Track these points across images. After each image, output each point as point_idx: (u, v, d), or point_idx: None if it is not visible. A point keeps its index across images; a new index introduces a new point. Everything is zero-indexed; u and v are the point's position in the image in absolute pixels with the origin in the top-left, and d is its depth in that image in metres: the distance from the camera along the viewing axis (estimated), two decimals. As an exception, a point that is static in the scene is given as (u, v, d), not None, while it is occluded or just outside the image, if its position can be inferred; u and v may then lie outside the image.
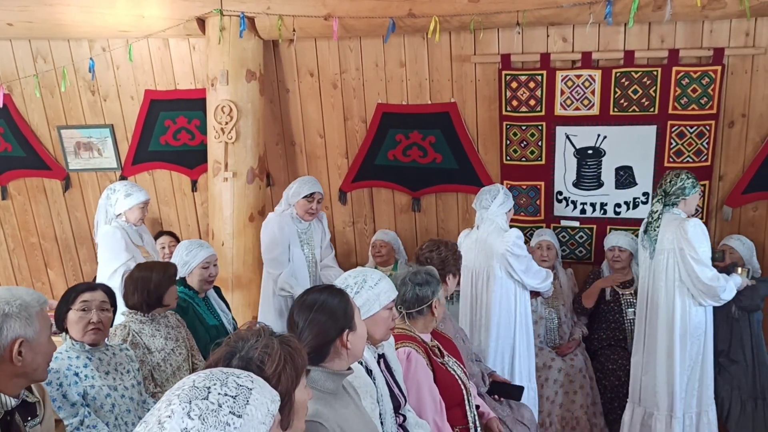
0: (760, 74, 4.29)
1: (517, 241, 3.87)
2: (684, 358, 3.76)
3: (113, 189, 4.16)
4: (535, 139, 4.70)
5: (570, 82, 4.51)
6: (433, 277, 2.90)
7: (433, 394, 2.77)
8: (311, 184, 4.38)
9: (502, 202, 4.00)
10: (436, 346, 2.98)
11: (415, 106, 4.79)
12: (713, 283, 3.65)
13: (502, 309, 3.93)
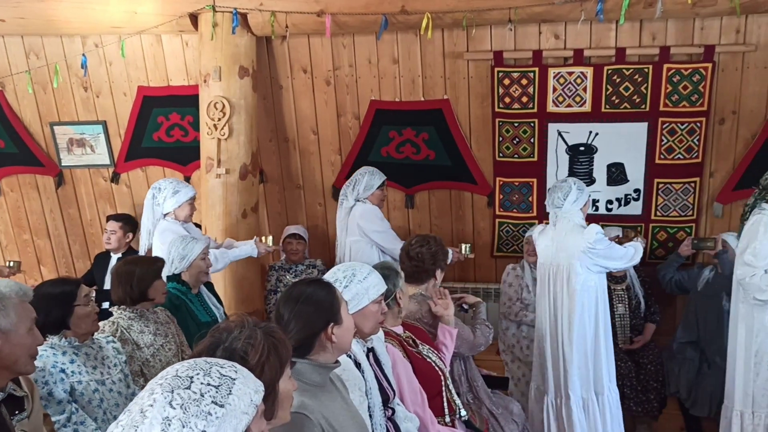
0: (751, 71, 4.31)
1: (597, 237, 3.79)
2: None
3: (159, 188, 4.13)
4: (528, 136, 4.71)
5: (562, 79, 4.53)
6: (391, 270, 2.90)
7: (413, 385, 2.78)
8: (379, 174, 4.53)
9: (575, 198, 3.85)
10: (409, 337, 2.99)
11: (408, 103, 4.81)
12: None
13: (584, 308, 3.85)
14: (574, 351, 3.83)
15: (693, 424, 4.41)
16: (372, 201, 4.48)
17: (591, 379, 3.83)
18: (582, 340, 3.83)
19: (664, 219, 4.72)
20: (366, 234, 4.46)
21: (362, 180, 4.46)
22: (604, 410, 3.86)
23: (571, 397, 3.85)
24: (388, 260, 3.08)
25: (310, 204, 5.25)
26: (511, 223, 4.97)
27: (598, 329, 3.83)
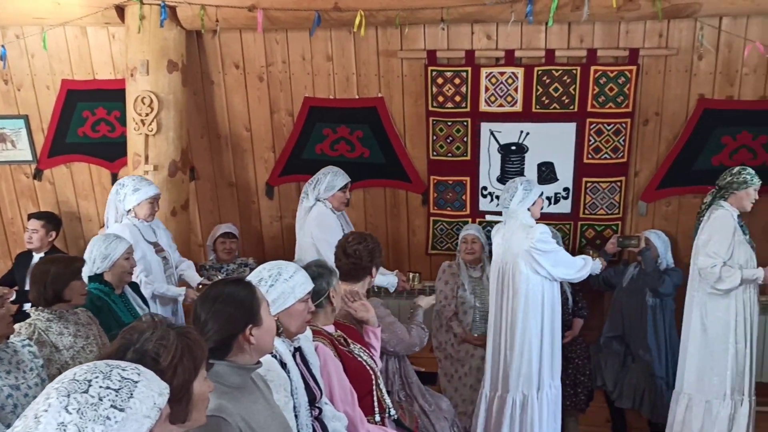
0: (673, 74, 4.46)
1: (541, 237, 3.84)
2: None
3: (122, 184, 4.05)
4: (461, 135, 4.76)
5: (494, 79, 4.59)
6: (325, 269, 2.89)
7: (343, 384, 2.77)
8: (344, 176, 4.38)
9: (521, 198, 3.92)
10: (341, 336, 2.98)
11: (343, 100, 4.79)
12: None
13: (528, 306, 3.91)
14: (515, 350, 3.90)
15: (618, 416, 4.55)
16: (332, 202, 4.30)
17: (533, 377, 3.91)
18: (524, 339, 3.90)
19: (591, 217, 4.85)
20: (315, 241, 4.28)
21: (324, 180, 4.31)
22: (542, 407, 3.94)
23: (508, 394, 3.92)
24: (322, 260, 3.04)
25: (243, 202, 5.18)
26: (445, 221, 5.02)
27: (543, 330, 3.90)
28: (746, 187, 3.84)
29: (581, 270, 3.95)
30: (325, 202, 4.31)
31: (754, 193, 3.87)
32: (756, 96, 4.44)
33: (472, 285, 4.63)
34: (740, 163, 4.54)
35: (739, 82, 4.43)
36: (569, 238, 4.93)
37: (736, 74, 4.41)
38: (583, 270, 3.96)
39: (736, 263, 3.80)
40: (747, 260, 3.86)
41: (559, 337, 4.02)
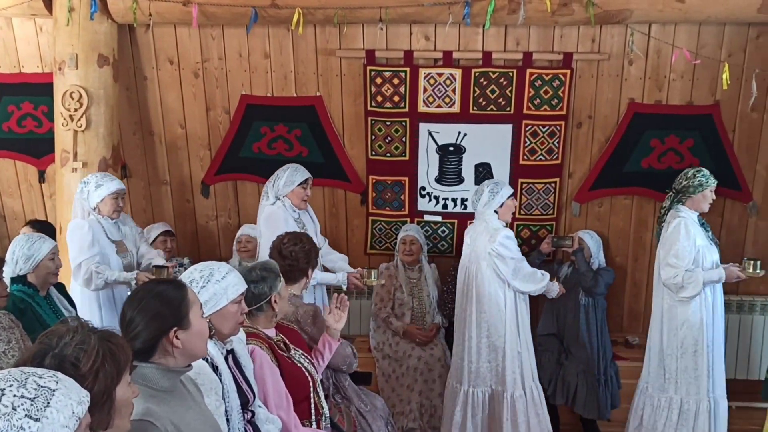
0: (605, 79, 4.58)
1: (503, 241, 3.88)
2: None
3: (85, 182, 3.93)
4: (399, 135, 4.77)
5: (432, 79, 4.62)
6: (270, 272, 2.85)
7: (278, 389, 2.74)
8: (303, 171, 4.22)
9: (487, 201, 3.98)
10: (281, 340, 2.95)
11: (281, 98, 4.73)
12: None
13: (491, 308, 3.95)
14: (483, 349, 3.95)
15: (551, 412, 4.62)
16: (292, 199, 4.15)
17: (506, 376, 3.96)
18: (486, 340, 3.95)
19: (527, 217, 4.93)
20: (263, 240, 4.16)
21: (283, 175, 4.17)
22: (501, 408, 3.99)
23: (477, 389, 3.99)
24: (271, 262, 2.99)
25: (178, 200, 5.06)
26: (383, 221, 5.02)
27: (507, 330, 3.94)
28: (702, 190, 3.91)
29: (538, 284, 4.02)
30: (285, 200, 4.16)
31: (711, 195, 3.93)
32: (683, 101, 4.60)
33: (410, 286, 4.66)
34: (668, 166, 4.72)
35: (668, 88, 4.58)
36: (506, 238, 5.00)
37: (665, 80, 4.56)
38: (540, 284, 4.02)
39: (698, 267, 3.85)
40: (714, 262, 3.94)
41: (529, 337, 4.05)
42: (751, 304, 4.93)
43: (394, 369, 4.53)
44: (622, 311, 5.14)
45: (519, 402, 3.95)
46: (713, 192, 3.96)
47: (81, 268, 3.79)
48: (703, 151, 4.68)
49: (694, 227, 3.90)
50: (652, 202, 4.86)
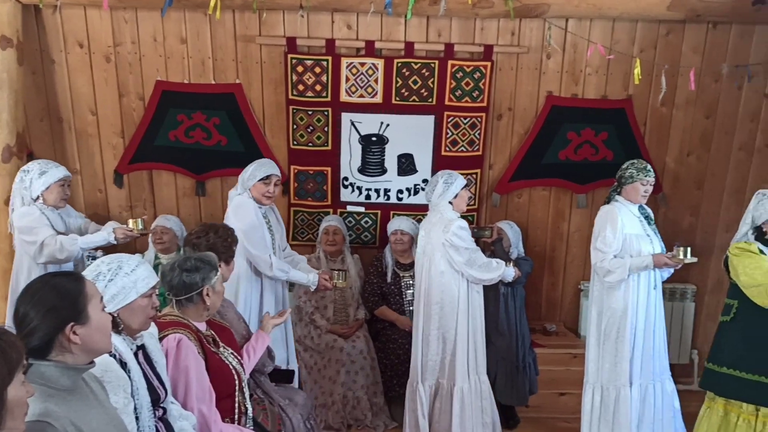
0: (524, 72, 4.66)
1: (456, 231, 3.83)
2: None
3: (26, 170, 3.76)
4: (322, 125, 4.71)
5: (354, 69, 4.58)
6: (205, 264, 2.78)
7: (202, 382, 2.67)
8: (268, 167, 3.98)
9: (441, 192, 3.93)
10: (210, 336, 2.87)
11: (198, 85, 4.59)
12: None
13: (444, 299, 3.90)
14: (432, 342, 3.92)
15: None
16: (253, 194, 3.94)
17: (456, 369, 3.92)
18: (437, 332, 3.92)
19: (449, 208, 4.97)
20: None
21: (249, 168, 3.98)
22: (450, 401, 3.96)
23: (426, 383, 3.95)
24: (210, 254, 2.87)
25: (89, 190, 4.83)
26: (305, 212, 4.96)
27: (458, 323, 3.91)
28: (632, 182, 3.90)
29: (492, 272, 3.99)
30: (249, 193, 3.97)
31: (643, 187, 3.91)
32: (598, 95, 4.73)
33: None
34: (584, 158, 4.85)
35: (583, 82, 4.70)
36: (428, 229, 5.03)
37: (581, 74, 4.68)
38: (494, 273, 4.00)
39: (627, 255, 3.86)
40: (647, 252, 3.92)
41: (482, 331, 4.04)
42: (672, 290, 5.14)
43: (317, 361, 4.49)
44: (541, 299, 5.27)
45: (468, 394, 3.95)
46: (647, 185, 3.93)
47: (46, 244, 3.64)
48: (617, 143, 4.83)
49: (625, 216, 3.93)
50: (569, 194, 4.99)
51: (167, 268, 2.84)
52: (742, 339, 3.39)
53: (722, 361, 3.45)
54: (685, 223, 5.11)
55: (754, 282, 3.24)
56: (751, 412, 3.37)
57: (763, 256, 3.31)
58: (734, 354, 3.41)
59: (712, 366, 3.52)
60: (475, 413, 3.96)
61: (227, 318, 3.23)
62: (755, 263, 3.27)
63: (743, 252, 3.35)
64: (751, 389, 3.35)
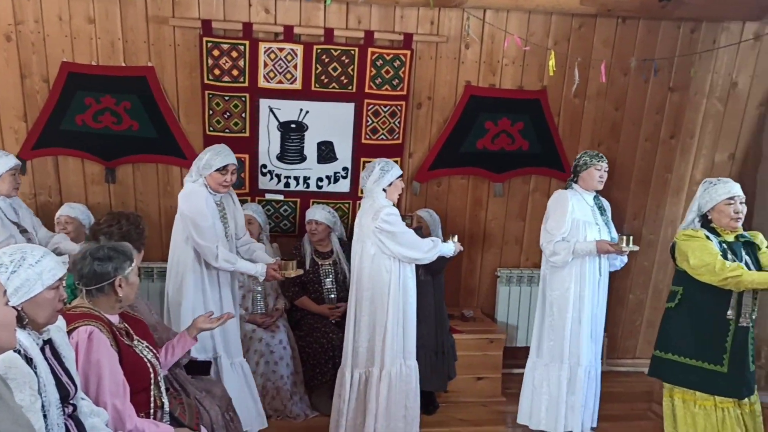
0: (443, 61, 4.70)
1: (386, 218, 3.80)
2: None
3: None
4: (239, 111, 4.60)
5: (273, 54, 4.49)
6: (119, 254, 2.65)
7: (115, 376, 2.56)
8: (224, 156, 3.81)
9: (376, 179, 3.89)
10: (124, 328, 2.76)
11: (108, 68, 4.39)
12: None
13: (374, 286, 3.88)
14: (363, 329, 3.91)
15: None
16: (209, 182, 3.81)
17: (385, 355, 3.91)
18: (368, 318, 3.90)
19: (369, 196, 4.96)
20: (182, 218, 3.82)
21: (204, 156, 3.82)
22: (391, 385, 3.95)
23: (357, 369, 3.93)
24: (125, 244, 2.74)
25: (-12, 177, 4.54)
26: (223, 200, 4.83)
27: (389, 309, 3.89)
28: (587, 168, 4.11)
29: (429, 251, 3.98)
30: (203, 180, 3.83)
31: (598, 173, 4.11)
32: (514, 85, 4.83)
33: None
34: (500, 147, 4.95)
35: (501, 72, 4.79)
36: (348, 217, 5.02)
37: (498, 64, 4.76)
38: (432, 251, 4.00)
39: (573, 239, 4.06)
40: (594, 239, 4.09)
41: (412, 317, 4.03)
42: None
43: (236, 352, 4.40)
44: (459, 286, 5.36)
45: (396, 378, 3.96)
46: (602, 170, 4.13)
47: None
48: (532, 134, 4.96)
49: (576, 202, 4.12)
50: (486, 182, 5.08)
51: (78, 256, 2.71)
52: (686, 325, 3.45)
53: (668, 347, 3.51)
54: (596, 211, 5.30)
55: (702, 262, 3.28)
56: (706, 398, 3.41)
57: (710, 241, 3.37)
58: (679, 340, 3.46)
59: (658, 353, 3.56)
60: (400, 397, 3.99)
61: (138, 310, 3.12)
62: (703, 246, 3.33)
63: (691, 238, 3.40)
64: (695, 375, 3.40)
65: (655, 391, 4.73)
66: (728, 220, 3.39)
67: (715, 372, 3.35)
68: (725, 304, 3.32)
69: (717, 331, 3.36)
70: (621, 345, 5.62)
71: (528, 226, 5.27)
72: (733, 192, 3.41)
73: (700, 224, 3.51)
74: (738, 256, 3.35)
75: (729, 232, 3.42)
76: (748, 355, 3.37)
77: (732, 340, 3.34)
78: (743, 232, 3.47)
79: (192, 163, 3.92)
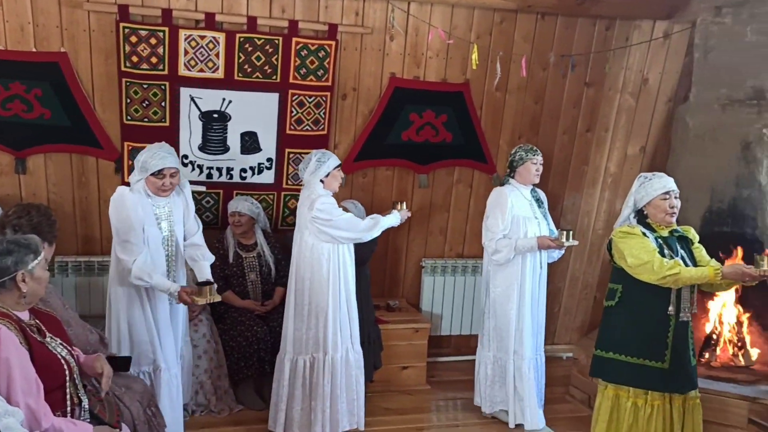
0: (368, 52, 4.70)
1: (320, 206, 3.83)
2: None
3: None
4: (158, 99, 4.47)
5: (194, 42, 4.38)
6: (20, 247, 2.52)
7: (27, 374, 2.45)
8: (158, 159, 3.52)
9: (313, 170, 3.91)
10: (35, 325, 2.64)
11: (16, 53, 4.17)
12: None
13: (314, 274, 3.90)
14: (304, 316, 3.92)
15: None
16: (148, 186, 3.60)
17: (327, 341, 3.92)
18: (308, 306, 3.91)
19: (294, 188, 4.92)
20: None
21: (141, 157, 3.60)
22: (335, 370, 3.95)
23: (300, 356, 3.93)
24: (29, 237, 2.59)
25: None
26: (140, 192, 4.69)
27: (329, 296, 3.90)
28: (523, 163, 4.21)
29: (370, 230, 3.99)
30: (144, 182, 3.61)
31: (534, 166, 4.19)
32: (438, 78, 4.89)
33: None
34: (425, 139, 5.00)
35: (425, 65, 4.84)
36: (272, 209, 4.96)
37: (422, 57, 4.81)
38: (374, 229, 4.00)
39: (515, 235, 4.15)
40: (535, 234, 4.19)
41: (353, 302, 4.05)
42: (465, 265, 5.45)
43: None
44: (384, 277, 5.40)
45: (340, 365, 3.98)
46: (537, 164, 4.21)
47: None
48: (455, 126, 5.04)
49: (515, 198, 4.20)
50: (411, 174, 5.13)
51: None
52: (626, 323, 3.39)
53: (608, 346, 3.45)
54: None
55: (640, 261, 3.23)
56: (639, 395, 3.38)
57: (647, 238, 3.32)
58: (619, 338, 3.41)
59: (599, 352, 3.49)
60: (347, 383, 4.02)
61: (51, 305, 2.99)
62: (640, 244, 3.28)
63: (627, 235, 3.35)
64: (636, 373, 3.36)
65: (572, 376, 4.93)
66: (664, 215, 3.36)
67: (657, 369, 3.32)
68: (665, 301, 3.30)
69: (658, 327, 3.33)
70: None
71: (452, 217, 5.36)
72: (668, 187, 3.37)
73: (636, 219, 3.45)
74: (674, 251, 3.35)
75: (664, 227, 3.41)
76: (689, 350, 3.37)
77: (673, 336, 3.32)
78: (677, 227, 3.47)
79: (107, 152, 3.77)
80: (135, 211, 3.54)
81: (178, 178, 3.68)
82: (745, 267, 3.20)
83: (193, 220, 3.91)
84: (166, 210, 3.70)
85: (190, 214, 3.89)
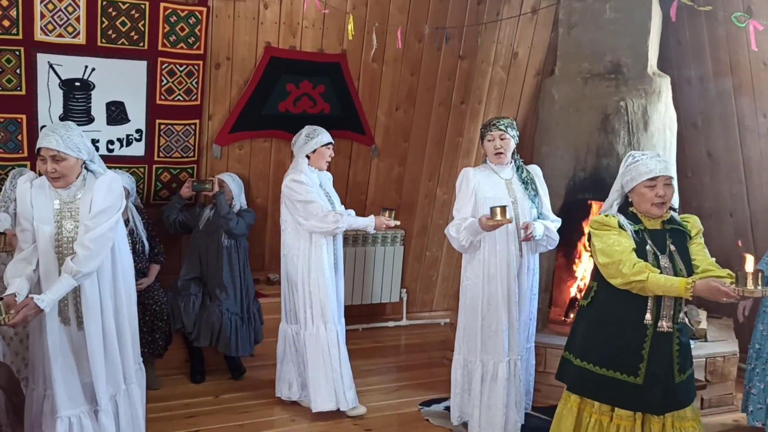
0: (242, 20, 4.57)
1: (289, 184, 3.88)
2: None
3: None
4: (13, 66, 4.14)
5: (51, 5, 4.07)
6: None
7: None
8: (42, 135, 2.95)
9: (301, 145, 4.02)
10: None
11: None
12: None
13: (289, 250, 4.02)
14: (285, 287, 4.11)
15: (196, 356, 4.64)
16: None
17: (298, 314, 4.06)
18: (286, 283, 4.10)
19: (167, 160, 4.75)
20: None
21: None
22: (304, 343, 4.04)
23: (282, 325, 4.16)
24: None
25: None
26: (-7, 165, 4.36)
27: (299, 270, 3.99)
28: (482, 140, 3.71)
29: (333, 223, 3.91)
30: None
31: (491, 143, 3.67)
32: (315, 48, 4.84)
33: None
34: (302, 110, 4.95)
35: (301, 34, 4.77)
36: (144, 182, 4.76)
37: (298, 26, 4.73)
38: (337, 224, 3.91)
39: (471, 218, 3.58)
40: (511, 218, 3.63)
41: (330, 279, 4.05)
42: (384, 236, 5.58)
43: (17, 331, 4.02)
44: (264, 250, 5.34)
45: (312, 340, 4.00)
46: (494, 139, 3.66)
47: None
48: (333, 97, 5.02)
49: (483, 179, 3.68)
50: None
51: None
52: (598, 329, 2.91)
53: (575, 351, 2.98)
54: (395, 173, 5.52)
55: (610, 260, 2.76)
56: (605, 412, 2.90)
57: (624, 231, 2.82)
58: (588, 344, 2.94)
59: (567, 355, 3.04)
60: (323, 360, 4.00)
61: None
62: (615, 240, 2.79)
63: (602, 226, 2.85)
64: (603, 386, 2.87)
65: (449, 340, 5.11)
66: (649, 205, 2.82)
67: (629, 384, 2.81)
68: (642, 306, 2.79)
69: (632, 336, 2.81)
70: (419, 299, 5.96)
71: (331, 189, 5.36)
72: (654, 172, 2.80)
73: (619, 207, 2.94)
74: (660, 248, 2.82)
75: (650, 219, 2.87)
76: (672, 364, 2.83)
77: (650, 348, 2.79)
78: (674, 214, 2.92)
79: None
80: (23, 201, 2.94)
81: (67, 165, 2.91)
82: (721, 285, 2.59)
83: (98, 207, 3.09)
84: (72, 197, 2.98)
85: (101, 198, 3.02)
